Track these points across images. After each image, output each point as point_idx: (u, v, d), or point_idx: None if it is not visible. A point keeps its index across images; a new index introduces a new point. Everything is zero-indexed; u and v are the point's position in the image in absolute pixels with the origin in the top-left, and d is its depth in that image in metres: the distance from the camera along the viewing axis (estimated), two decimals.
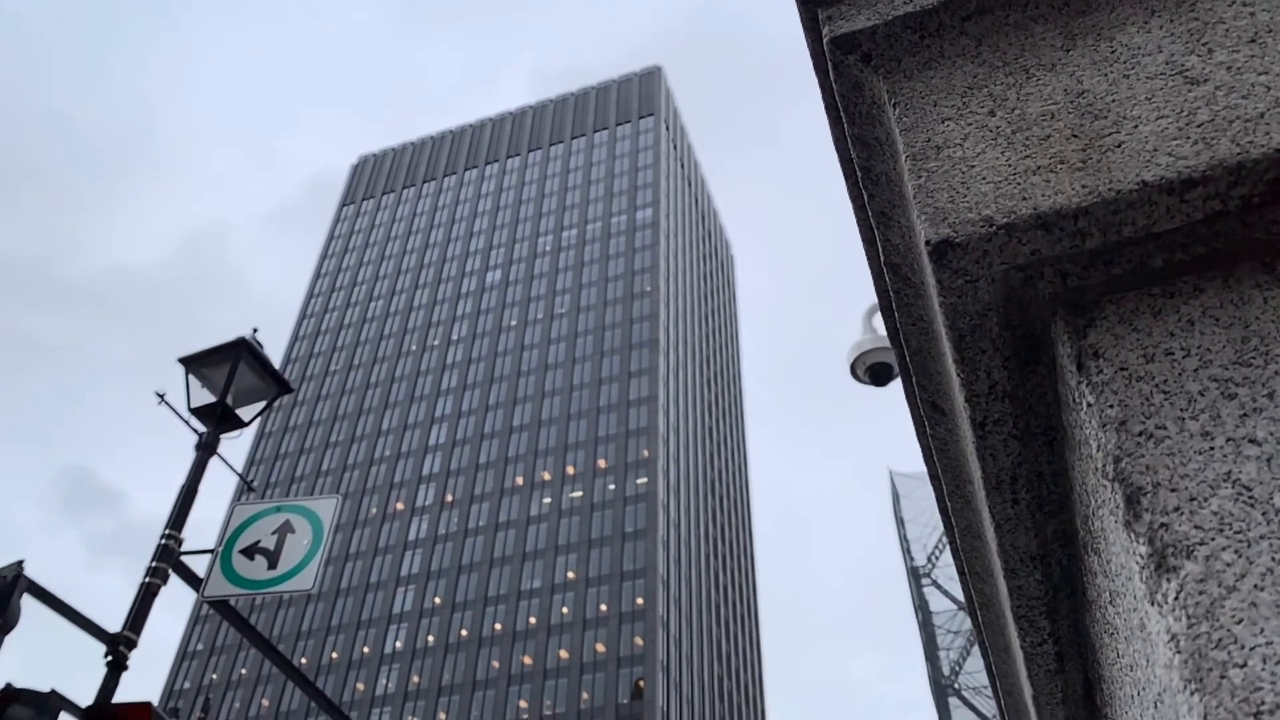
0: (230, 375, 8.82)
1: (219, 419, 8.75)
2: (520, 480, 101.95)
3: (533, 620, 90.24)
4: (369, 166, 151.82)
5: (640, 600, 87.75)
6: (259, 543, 8.28)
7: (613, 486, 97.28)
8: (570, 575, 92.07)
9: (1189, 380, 1.25)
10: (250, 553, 8.22)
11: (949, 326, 1.44)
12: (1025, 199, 1.35)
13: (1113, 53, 1.45)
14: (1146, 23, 1.46)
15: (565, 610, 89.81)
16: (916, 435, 2.08)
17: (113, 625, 7.52)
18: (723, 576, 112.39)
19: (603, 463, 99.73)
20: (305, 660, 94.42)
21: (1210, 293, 1.31)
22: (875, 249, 1.75)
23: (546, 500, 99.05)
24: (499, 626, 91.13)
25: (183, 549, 8.13)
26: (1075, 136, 1.39)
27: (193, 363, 8.95)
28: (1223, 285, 1.31)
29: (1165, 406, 1.24)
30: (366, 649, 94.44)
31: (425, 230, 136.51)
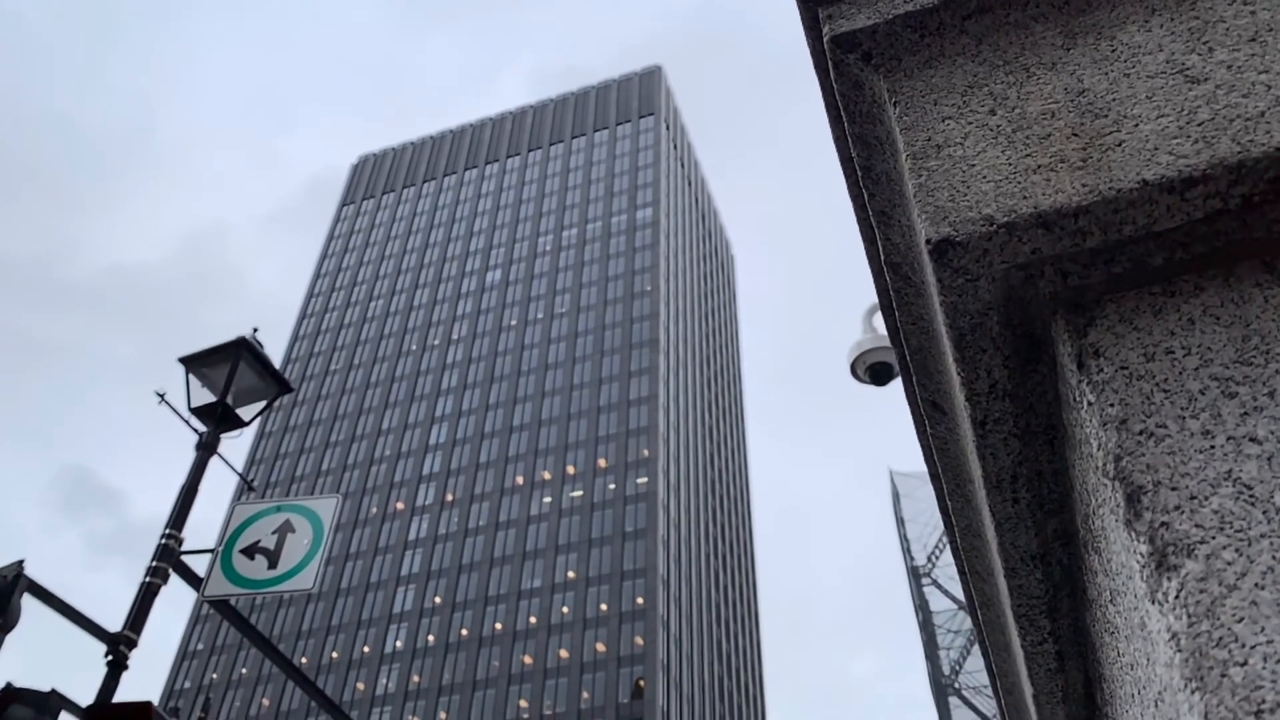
0: (230, 375, 8.82)
1: (219, 418, 8.75)
2: (520, 480, 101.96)
3: (533, 620, 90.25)
4: (369, 166, 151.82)
5: (640, 600, 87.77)
6: (259, 542, 8.28)
7: (613, 486, 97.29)
8: (570, 575, 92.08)
9: (1189, 379, 1.25)
10: (250, 552, 8.22)
11: (949, 325, 1.44)
12: (1026, 198, 1.35)
13: (1113, 51, 1.45)
14: (1147, 21, 1.46)
15: (565, 610, 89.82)
16: (917, 434, 2.08)
17: (113, 625, 7.52)
18: (723, 576, 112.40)
19: (603, 462, 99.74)
20: (306, 660, 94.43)
21: (1211, 291, 1.31)
22: (875, 248, 1.75)
23: (547, 500, 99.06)
24: (499, 626, 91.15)
25: (183, 548, 8.13)
26: (1076, 135, 1.39)
27: (193, 362, 8.95)
28: (1223, 284, 1.31)
29: (1166, 405, 1.24)
30: (367, 648, 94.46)
31: (425, 230, 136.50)
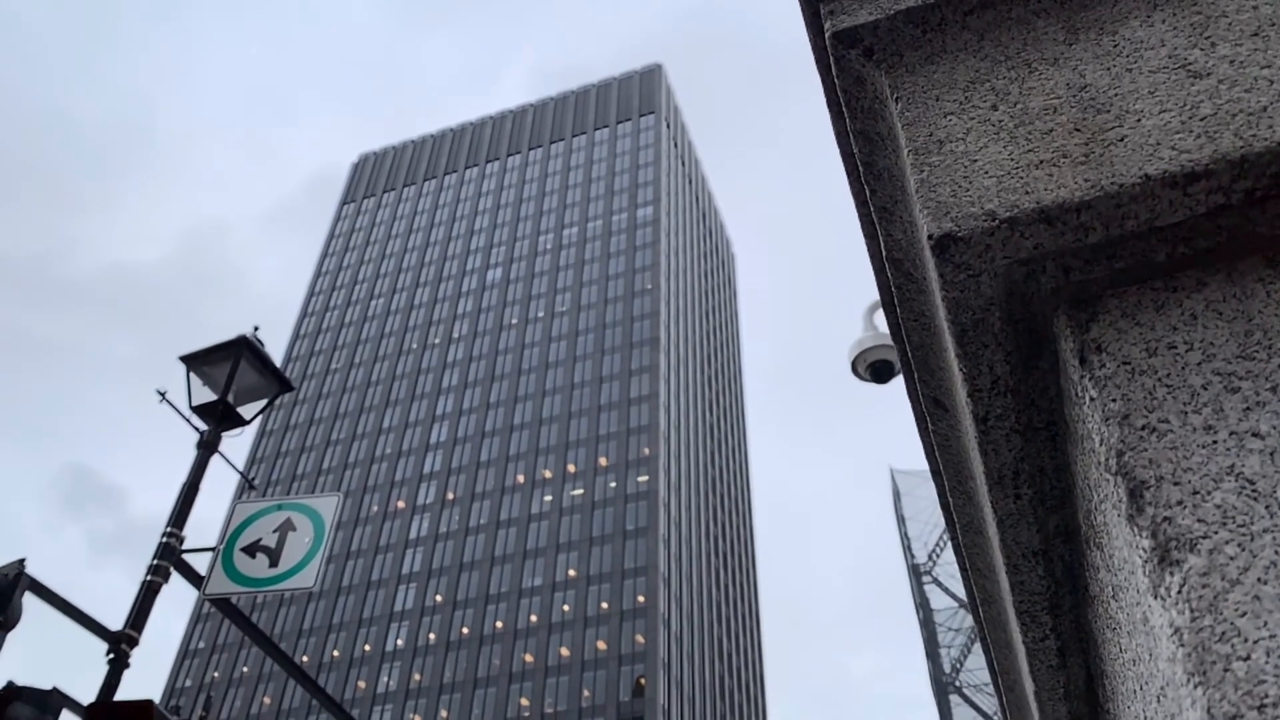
0: (231, 373, 8.82)
1: (220, 417, 8.75)
2: (521, 478, 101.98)
3: (534, 618, 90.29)
4: (370, 164, 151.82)
5: (641, 598, 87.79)
6: (260, 541, 8.28)
7: (614, 484, 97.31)
8: (571, 573, 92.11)
9: (1192, 374, 1.24)
10: (252, 551, 8.22)
11: (951, 321, 1.44)
12: (1028, 193, 1.35)
13: (1115, 46, 1.45)
14: (1149, 16, 1.46)
15: (566, 608, 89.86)
16: (918, 431, 2.08)
17: (114, 623, 7.50)
18: (723, 574, 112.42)
19: (604, 460, 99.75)
20: (307, 658, 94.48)
21: (1213, 286, 1.31)
22: (877, 244, 1.75)
23: (547, 498, 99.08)
24: (500, 624, 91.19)
25: (184, 547, 8.13)
26: (1078, 130, 1.39)
27: (194, 360, 8.95)
28: (1226, 279, 1.31)
29: (1168, 400, 1.23)
30: (368, 647, 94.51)
31: (426, 228, 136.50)
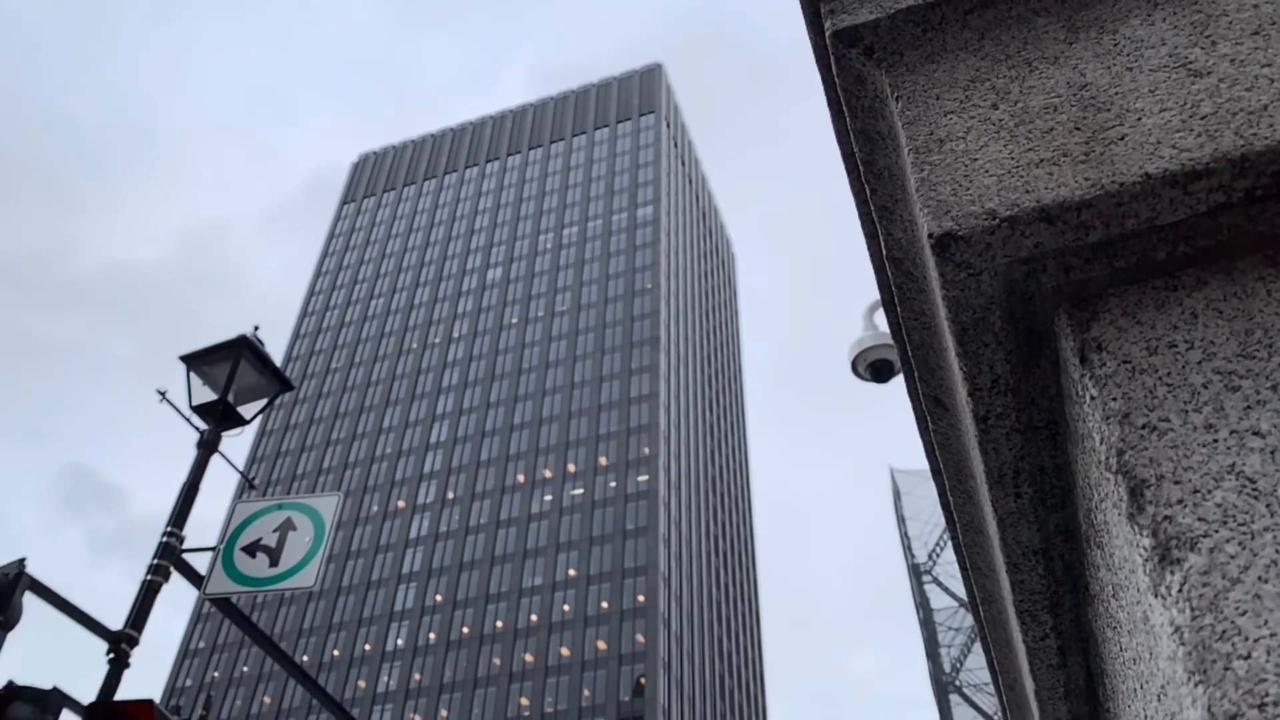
0: (232, 373, 8.82)
1: (220, 416, 8.75)
2: (521, 478, 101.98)
3: (534, 618, 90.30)
4: (370, 164, 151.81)
5: (641, 597, 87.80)
6: (260, 540, 8.28)
7: (614, 484, 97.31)
8: (571, 572, 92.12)
9: (1192, 373, 1.24)
10: (252, 550, 8.22)
11: (952, 320, 1.44)
12: (1028, 192, 1.35)
13: (1116, 45, 1.45)
14: (1149, 15, 1.46)
15: (566, 608, 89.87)
16: (918, 430, 2.08)
17: (114, 623, 7.50)
18: (724, 574, 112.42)
19: (604, 460, 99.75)
20: (307, 658, 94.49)
21: (1214, 285, 1.31)
22: (877, 243, 1.75)
23: (548, 498, 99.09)
24: (500, 624, 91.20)
25: (184, 546, 8.14)
26: (1078, 129, 1.39)
27: (194, 360, 8.95)
28: (1226, 278, 1.31)
29: (1169, 399, 1.23)
30: (368, 646, 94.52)
31: (426, 228, 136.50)
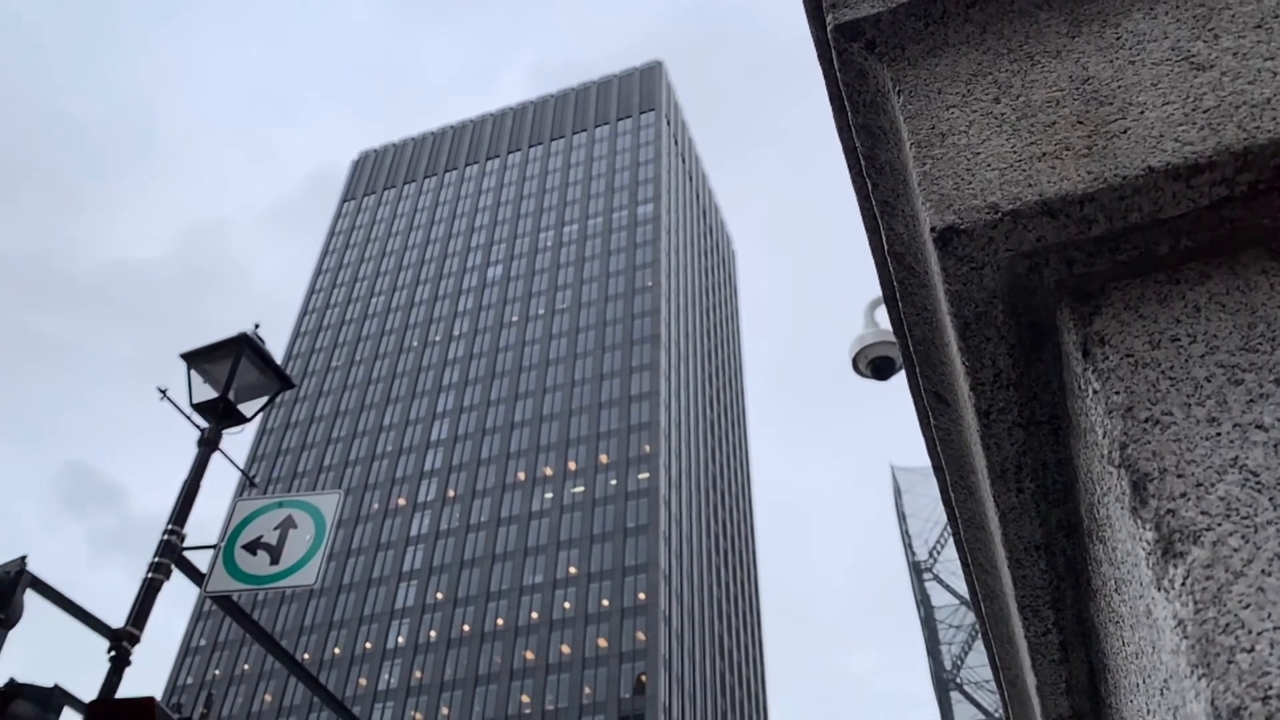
0: (232, 371, 8.82)
1: (221, 414, 8.75)
2: (522, 475, 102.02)
3: (535, 615, 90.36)
4: (370, 162, 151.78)
5: (642, 595, 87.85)
6: (261, 538, 8.28)
7: (614, 482, 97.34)
8: (572, 570, 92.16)
9: (1195, 366, 1.24)
10: (253, 548, 8.22)
11: (954, 315, 1.44)
12: (1031, 185, 1.35)
13: (1118, 39, 1.45)
14: (1152, 9, 1.45)
15: (567, 605, 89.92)
16: (920, 426, 2.08)
17: (115, 621, 7.51)
18: (724, 571, 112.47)
19: (604, 458, 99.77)
20: (308, 655, 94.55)
21: (1216, 279, 1.31)
22: (879, 238, 1.74)
23: (548, 495, 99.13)
24: (501, 621, 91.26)
25: (185, 544, 8.14)
26: (1081, 123, 1.38)
27: (195, 358, 8.95)
28: (1229, 271, 1.31)
29: (1172, 393, 1.23)
30: (369, 644, 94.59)
31: (426, 226, 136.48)
